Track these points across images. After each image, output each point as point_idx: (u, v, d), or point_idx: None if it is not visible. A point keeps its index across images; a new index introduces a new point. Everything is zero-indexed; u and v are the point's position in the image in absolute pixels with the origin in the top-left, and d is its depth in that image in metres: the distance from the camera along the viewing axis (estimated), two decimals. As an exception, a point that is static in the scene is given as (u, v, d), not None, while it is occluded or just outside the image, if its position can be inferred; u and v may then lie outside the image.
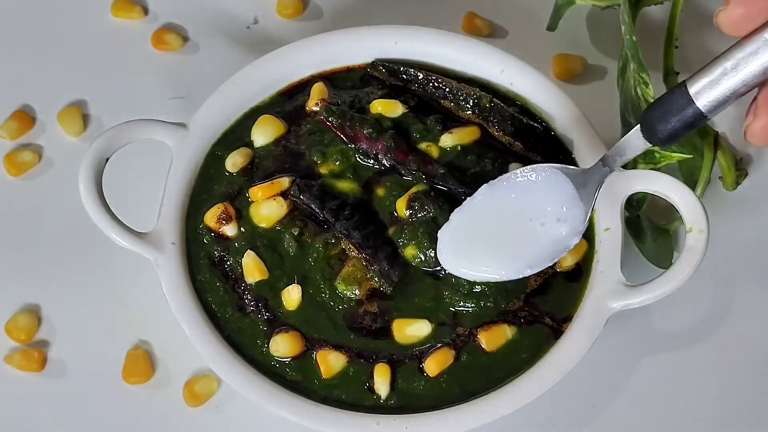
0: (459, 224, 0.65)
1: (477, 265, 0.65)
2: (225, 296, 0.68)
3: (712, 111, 0.51)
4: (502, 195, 0.64)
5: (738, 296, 0.76)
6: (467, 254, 0.65)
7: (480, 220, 0.64)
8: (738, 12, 0.48)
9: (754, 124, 0.48)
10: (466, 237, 0.65)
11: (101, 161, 0.68)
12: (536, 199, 0.63)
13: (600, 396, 0.73)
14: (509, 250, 0.64)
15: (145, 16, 0.84)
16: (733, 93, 0.50)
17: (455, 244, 0.65)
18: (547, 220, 0.63)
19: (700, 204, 0.66)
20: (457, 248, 0.65)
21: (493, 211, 0.64)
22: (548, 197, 0.63)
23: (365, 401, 0.66)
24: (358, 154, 0.71)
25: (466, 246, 0.65)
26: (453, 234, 0.66)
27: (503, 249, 0.64)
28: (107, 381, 0.73)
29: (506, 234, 0.64)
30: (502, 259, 0.64)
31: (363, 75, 0.75)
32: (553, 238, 0.63)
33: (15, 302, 0.75)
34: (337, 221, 0.68)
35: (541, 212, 0.63)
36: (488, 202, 0.64)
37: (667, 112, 0.53)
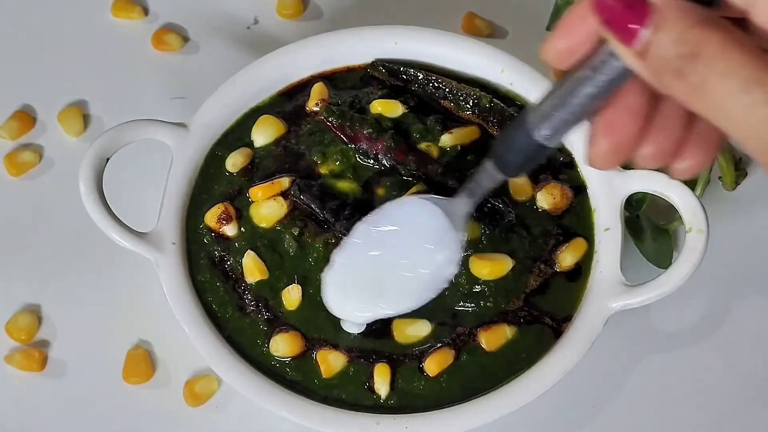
0: (340, 266, 0.65)
1: (362, 305, 0.65)
2: (225, 296, 0.68)
3: (551, 141, 0.51)
4: (378, 232, 0.64)
5: (737, 296, 0.76)
6: (351, 295, 0.65)
7: (360, 259, 0.64)
8: (560, 45, 0.48)
9: (591, 150, 0.49)
10: (349, 278, 0.64)
11: (102, 161, 0.68)
12: (412, 233, 0.63)
13: (600, 396, 0.73)
14: (391, 287, 0.64)
15: (145, 16, 0.84)
16: (567, 122, 0.50)
17: (340, 286, 0.65)
18: (424, 253, 0.63)
19: (700, 204, 0.66)
20: (342, 290, 0.65)
21: (371, 249, 0.64)
22: (422, 229, 0.63)
23: (365, 401, 0.66)
24: (358, 154, 0.71)
25: (350, 287, 0.64)
26: (336, 276, 0.65)
27: (386, 287, 0.64)
28: (107, 381, 0.73)
29: (387, 272, 0.64)
30: (386, 297, 0.64)
31: (363, 75, 0.75)
32: (432, 269, 0.64)
33: (15, 302, 0.75)
34: (337, 221, 0.68)
35: (418, 245, 0.63)
36: (366, 241, 0.64)
37: (511, 146, 0.53)
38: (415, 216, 0.63)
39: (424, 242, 0.63)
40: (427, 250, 0.63)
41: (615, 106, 0.48)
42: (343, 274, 0.65)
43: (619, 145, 0.48)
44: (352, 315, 0.66)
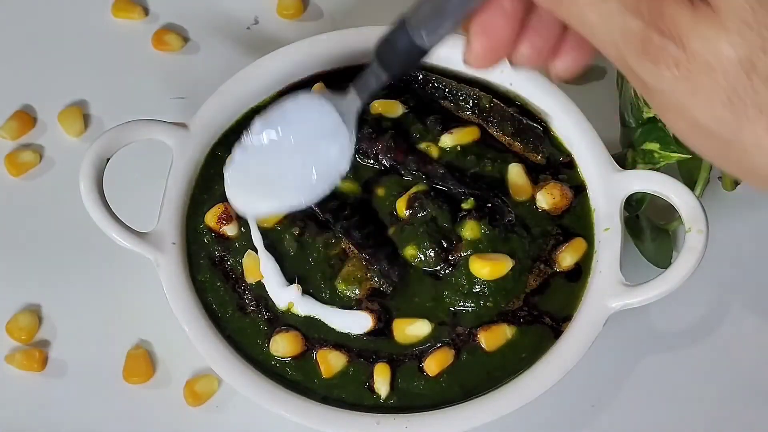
0: (239, 163, 0.65)
1: (261, 199, 0.65)
2: (225, 296, 0.68)
3: (429, 43, 0.54)
4: (275, 127, 0.64)
5: (737, 296, 0.76)
6: (251, 190, 0.65)
7: (257, 155, 0.64)
8: (480, 45, 0.51)
9: (468, 51, 0.52)
10: (248, 174, 0.65)
11: (102, 161, 0.68)
12: (305, 128, 0.64)
13: (600, 396, 0.73)
14: (288, 182, 0.64)
15: (145, 16, 0.84)
16: (444, 26, 0.53)
17: (240, 182, 0.65)
18: (318, 149, 0.64)
19: (699, 204, 0.66)
20: (243, 186, 0.65)
21: (270, 145, 0.64)
22: (316, 125, 0.64)
23: (365, 401, 0.66)
24: (358, 154, 0.71)
25: (249, 182, 0.65)
26: (236, 172, 0.65)
27: (282, 182, 0.64)
28: (108, 381, 0.73)
29: (283, 167, 0.64)
30: (282, 192, 0.64)
31: (363, 75, 0.75)
32: (326, 164, 0.63)
33: (16, 302, 0.75)
34: (337, 221, 0.68)
35: (312, 141, 0.64)
36: (262, 136, 0.64)
37: (393, 47, 0.56)
38: (309, 112, 0.64)
39: (318, 138, 0.63)
40: (320, 146, 0.63)
41: (490, 8, 0.50)
42: (242, 169, 0.65)
43: (494, 46, 0.51)
44: (251, 209, 0.66)
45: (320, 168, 0.63)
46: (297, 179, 0.63)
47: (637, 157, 0.71)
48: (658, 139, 0.70)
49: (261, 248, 0.68)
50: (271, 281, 0.68)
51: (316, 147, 0.63)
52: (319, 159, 0.63)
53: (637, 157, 0.71)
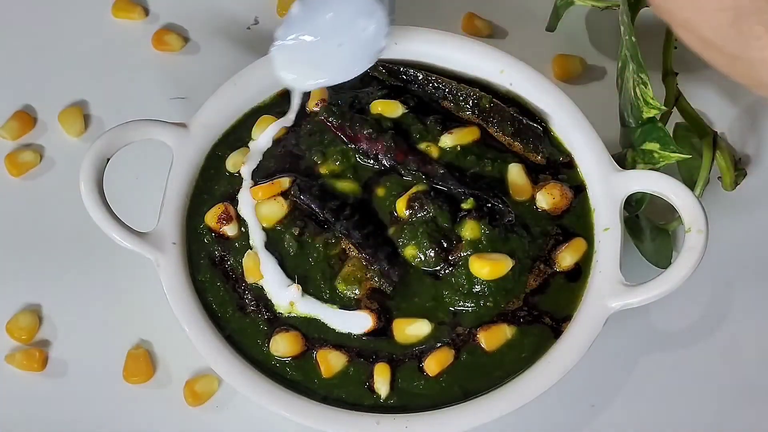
0: (284, 41, 0.67)
1: (308, 75, 0.69)
2: (225, 296, 0.68)
3: None
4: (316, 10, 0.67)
5: (737, 296, 0.76)
6: (299, 68, 0.69)
7: (303, 33, 0.67)
8: None
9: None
10: (295, 52, 0.68)
11: (102, 161, 0.68)
12: (343, 7, 0.67)
13: (600, 396, 0.73)
14: (330, 59, 0.68)
15: (145, 16, 0.84)
16: None
17: (287, 60, 0.68)
18: (356, 28, 0.67)
19: (699, 204, 0.66)
20: (290, 63, 0.69)
21: (310, 24, 0.67)
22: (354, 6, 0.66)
23: (365, 401, 0.66)
24: (358, 154, 0.71)
25: (297, 60, 0.68)
26: (281, 51, 0.68)
27: (326, 58, 0.68)
28: (108, 380, 0.73)
29: (325, 44, 0.68)
30: (326, 67, 0.68)
31: (363, 75, 0.75)
32: (364, 41, 0.67)
33: (16, 302, 0.75)
34: (337, 221, 0.68)
35: (349, 19, 0.67)
36: (306, 16, 0.67)
37: None
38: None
39: (354, 17, 0.66)
40: (357, 25, 0.67)
41: None
42: (287, 49, 0.68)
43: None
44: (299, 83, 0.70)
45: (358, 45, 0.66)
46: (338, 56, 0.67)
47: (637, 157, 0.71)
48: (658, 139, 0.70)
49: (261, 248, 0.68)
50: (271, 281, 0.68)
51: (354, 25, 0.66)
52: (356, 37, 0.66)
53: (637, 157, 0.71)
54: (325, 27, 0.67)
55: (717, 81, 0.82)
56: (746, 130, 0.80)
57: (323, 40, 0.67)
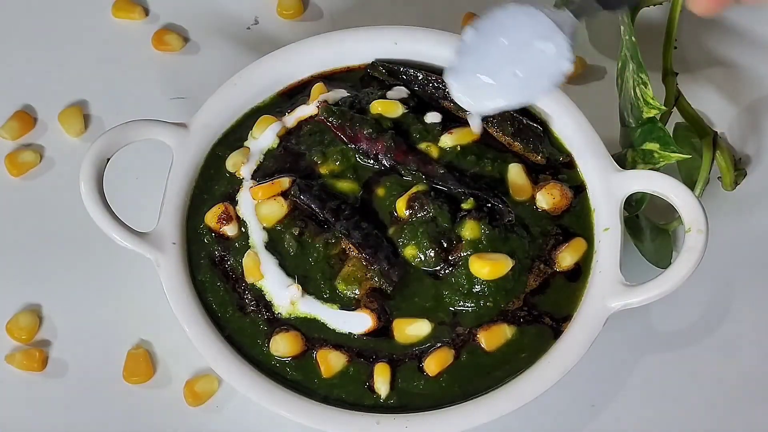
0: (461, 66, 0.67)
1: (487, 98, 0.68)
2: (225, 296, 0.68)
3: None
4: (489, 35, 0.67)
5: (737, 296, 0.76)
6: (477, 91, 0.68)
7: (478, 59, 0.67)
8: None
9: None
10: (471, 76, 0.67)
11: (102, 161, 0.68)
12: (520, 32, 0.66)
13: (600, 396, 0.73)
14: (510, 80, 0.67)
15: (145, 16, 0.84)
16: None
17: (465, 83, 0.68)
18: (534, 49, 0.66)
19: (699, 204, 0.66)
20: (468, 88, 0.68)
21: (486, 49, 0.67)
22: (530, 29, 0.66)
23: (365, 400, 0.66)
24: (358, 154, 0.71)
25: (475, 84, 0.68)
26: (458, 76, 0.68)
27: (506, 81, 0.67)
28: (108, 380, 0.73)
29: (503, 67, 0.67)
30: (506, 89, 0.67)
31: (363, 75, 0.75)
32: (545, 63, 0.66)
33: (16, 302, 0.75)
34: (337, 221, 0.68)
35: (526, 42, 0.66)
36: (480, 41, 0.67)
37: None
38: (521, 18, 0.66)
39: (532, 40, 0.66)
40: (536, 47, 0.66)
41: None
42: (461, 74, 0.67)
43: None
44: (478, 107, 0.68)
45: (538, 67, 0.66)
46: (516, 78, 0.66)
47: (637, 157, 0.71)
48: (658, 139, 0.70)
49: (261, 248, 0.68)
50: (271, 281, 0.68)
51: (531, 48, 0.65)
52: (535, 59, 0.66)
53: (637, 157, 0.71)
54: (499, 51, 0.66)
55: (717, 81, 0.82)
56: (746, 130, 0.80)
57: (498, 64, 0.66)
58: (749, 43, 0.84)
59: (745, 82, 0.82)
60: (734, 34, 0.84)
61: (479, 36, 0.67)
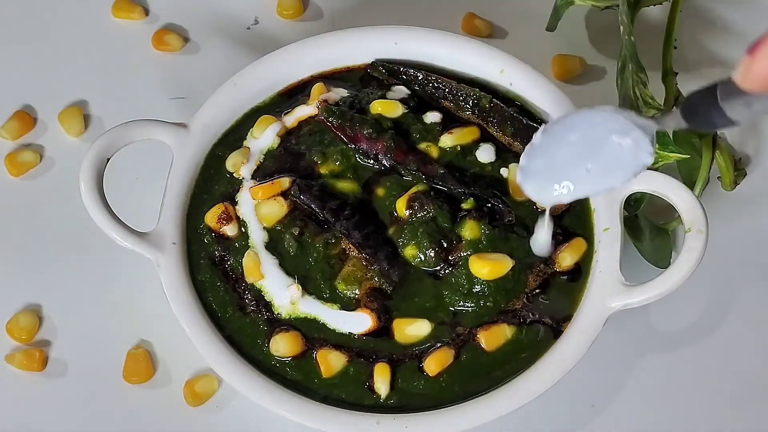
0: (530, 168, 0.64)
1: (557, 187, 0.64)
2: (225, 296, 0.68)
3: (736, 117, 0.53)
4: (558, 136, 0.64)
5: (737, 296, 0.76)
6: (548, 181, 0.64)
7: (550, 155, 0.64)
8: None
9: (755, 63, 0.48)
10: (543, 169, 0.64)
11: (102, 161, 0.68)
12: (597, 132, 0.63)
13: (600, 396, 0.73)
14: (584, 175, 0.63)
15: (145, 16, 0.84)
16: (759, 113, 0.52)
17: (536, 184, 0.64)
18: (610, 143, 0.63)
19: (699, 204, 0.66)
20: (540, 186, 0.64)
21: (555, 148, 0.64)
22: (607, 126, 0.63)
23: (365, 400, 0.66)
24: (358, 154, 0.71)
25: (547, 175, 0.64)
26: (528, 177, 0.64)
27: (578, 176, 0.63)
28: (108, 380, 0.73)
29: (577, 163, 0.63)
30: (582, 185, 0.63)
31: (363, 75, 0.75)
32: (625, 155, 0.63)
33: (16, 302, 0.75)
34: (337, 221, 0.68)
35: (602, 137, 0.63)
36: (549, 142, 0.64)
37: (698, 101, 0.55)
38: (596, 120, 0.63)
39: (609, 134, 0.63)
40: (611, 142, 0.63)
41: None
42: (531, 173, 0.64)
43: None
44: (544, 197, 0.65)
45: (612, 160, 0.62)
46: (591, 173, 0.63)
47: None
48: (657, 139, 0.70)
49: (261, 248, 0.68)
50: (271, 281, 0.68)
51: (605, 142, 0.63)
52: (609, 152, 0.62)
53: (637, 157, 0.71)
54: (571, 147, 0.63)
55: (717, 81, 0.82)
56: (746, 130, 0.80)
57: (569, 161, 0.63)
58: (749, 43, 0.84)
59: (745, 82, 0.82)
60: (734, 34, 0.84)
61: (548, 137, 0.64)
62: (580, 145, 0.63)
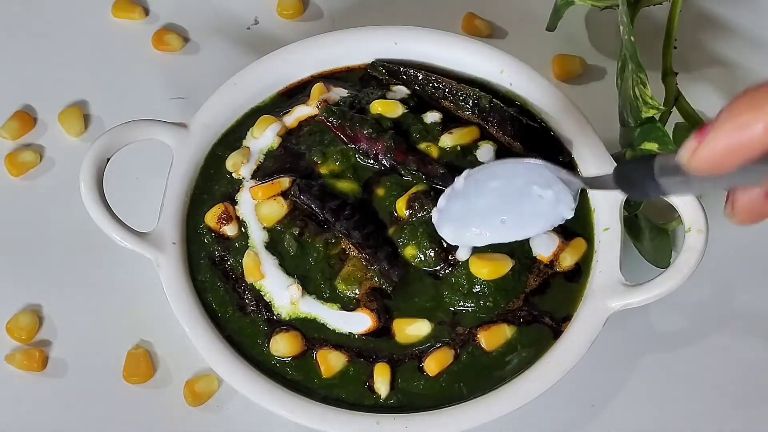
0: (448, 211, 0.66)
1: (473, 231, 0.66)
2: (225, 296, 0.68)
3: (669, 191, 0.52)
4: (483, 181, 0.65)
5: (737, 296, 0.76)
6: (464, 226, 0.66)
7: (469, 200, 0.65)
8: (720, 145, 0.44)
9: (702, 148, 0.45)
10: (461, 213, 0.65)
11: (102, 161, 0.68)
12: (519, 182, 0.64)
13: (600, 396, 0.73)
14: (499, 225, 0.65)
15: (145, 16, 0.84)
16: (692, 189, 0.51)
17: (451, 227, 0.66)
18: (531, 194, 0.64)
19: (699, 204, 0.67)
20: (454, 229, 0.66)
21: (474, 193, 0.65)
22: (529, 177, 0.64)
23: (365, 401, 0.66)
24: (358, 154, 0.71)
25: (463, 220, 0.66)
26: (444, 219, 0.66)
27: (493, 225, 0.65)
28: (108, 380, 0.73)
29: (493, 212, 0.65)
30: (496, 233, 0.65)
31: (363, 75, 0.75)
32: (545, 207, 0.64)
33: (16, 302, 0.75)
34: (337, 221, 0.68)
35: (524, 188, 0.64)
36: (469, 187, 0.65)
37: (632, 171, 0.54)
38: (520, 170, 0.64)
39: (530, 184, 0.64)
40: (532, 192, 0.64)
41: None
42: (448, 216, 0.66)
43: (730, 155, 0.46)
44: (457, 239, 0.66)
45: (531, 210, 0.64)
46: (507, 224, 0.64)
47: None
48: (657, 138, 0.70)
49: (261, 248, 0.68)
50: (271, 281, 0.68)
51: (526, 192, 0.64)
52: (528, 202, 0.64)
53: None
54: (491, 194, 0.64)
55: (717, 81, 0.82)
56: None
57: (488, 206, 0.65)
58: (749, 43, 0.84)
59: (745, 82, 0.82)
60: (734, 34, 0.84)
61: (469, 182, 0.65)
62: (501, 193, 0.64)
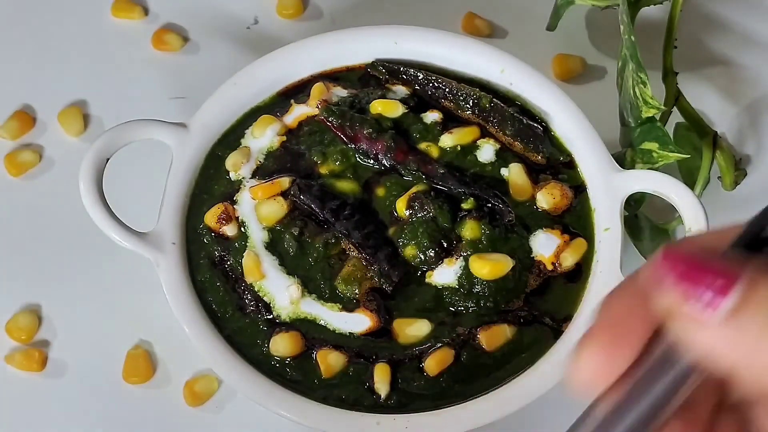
0: None
1: None
2: (225, 296, 0.68)
3: None
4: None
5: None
6: None
7: None
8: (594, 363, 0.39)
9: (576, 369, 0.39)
10: None
11: (102, 161, 0.68)
12: None
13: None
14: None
15: (145, 16, 0.84)
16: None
17: None
18: None
19: (700, 204, 0.66)
20: None
21: None
22: None
23: (365, 401, 0.66)
24: (358, 154, 0.71)
25: None
26: None
27: None
28: (108, 381, 0.73)
29: None
30: None
31: (363, 75, 0.75)
32: None
33: (16, 302, 0.75)
34: (337, 221, 0.68)
35: None
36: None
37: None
38: None
39: None
40: None
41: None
42: None
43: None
44: None
45: None
46: None
47: (636, 156, 0.71)
48: (657, 138, 0.70)
49: (261, 248, 0.68)
50: (271, 281, 0.68)
51: None
52: None
53: (636, 157, 0.71)
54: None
55: (717, 81, 0.82)
56: (746, 130, 0.80)
57: None
58: (749, 43, 0.84)
59: (745, 82, 0.82)
60: (734, 34, 0.84)
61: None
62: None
